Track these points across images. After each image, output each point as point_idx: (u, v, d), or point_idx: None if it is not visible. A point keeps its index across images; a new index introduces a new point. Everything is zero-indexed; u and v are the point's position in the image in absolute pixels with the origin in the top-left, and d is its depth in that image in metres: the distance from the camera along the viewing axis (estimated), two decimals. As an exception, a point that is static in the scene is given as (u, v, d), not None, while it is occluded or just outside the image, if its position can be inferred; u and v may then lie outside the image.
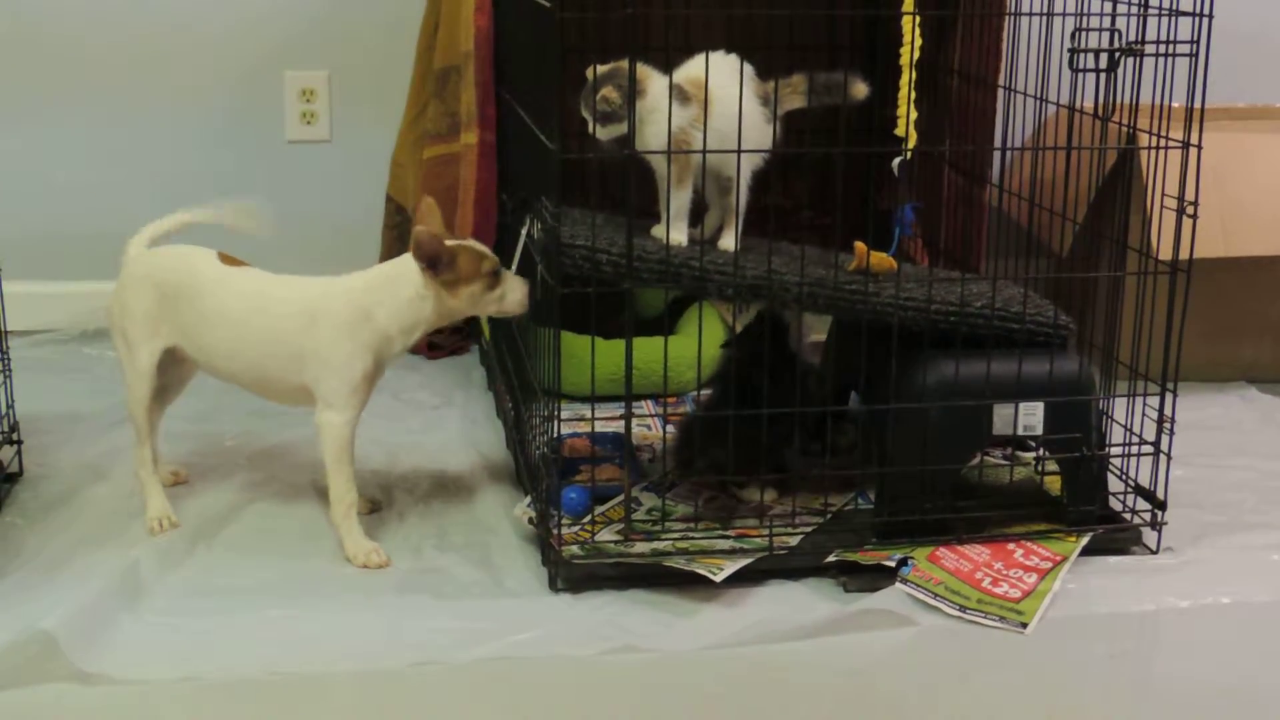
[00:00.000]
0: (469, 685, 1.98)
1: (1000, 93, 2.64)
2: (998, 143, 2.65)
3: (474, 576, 2.24)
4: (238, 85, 3.40)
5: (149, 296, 2.36)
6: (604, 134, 2.25)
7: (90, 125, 3.38)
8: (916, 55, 2.35)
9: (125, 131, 3.38)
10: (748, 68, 2.31)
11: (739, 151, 2.23)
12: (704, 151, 2.25)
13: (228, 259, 2.39)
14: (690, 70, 2.30)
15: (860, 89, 2.36)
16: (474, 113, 2.95)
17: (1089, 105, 2.34)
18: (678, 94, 2.24)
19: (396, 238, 3.39)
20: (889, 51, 2.47)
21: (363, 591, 2.18)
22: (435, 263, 2.24)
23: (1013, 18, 2.56)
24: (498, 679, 1.99)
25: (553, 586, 2.20)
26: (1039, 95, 2.46)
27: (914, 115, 2.38)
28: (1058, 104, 2.40)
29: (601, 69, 2.23)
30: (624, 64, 2.18)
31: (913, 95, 2.35)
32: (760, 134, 2.32)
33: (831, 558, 2.24)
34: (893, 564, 2.21)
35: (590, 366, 2.29)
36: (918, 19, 2.33)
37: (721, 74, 2.27)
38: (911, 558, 2.23)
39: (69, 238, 3.40)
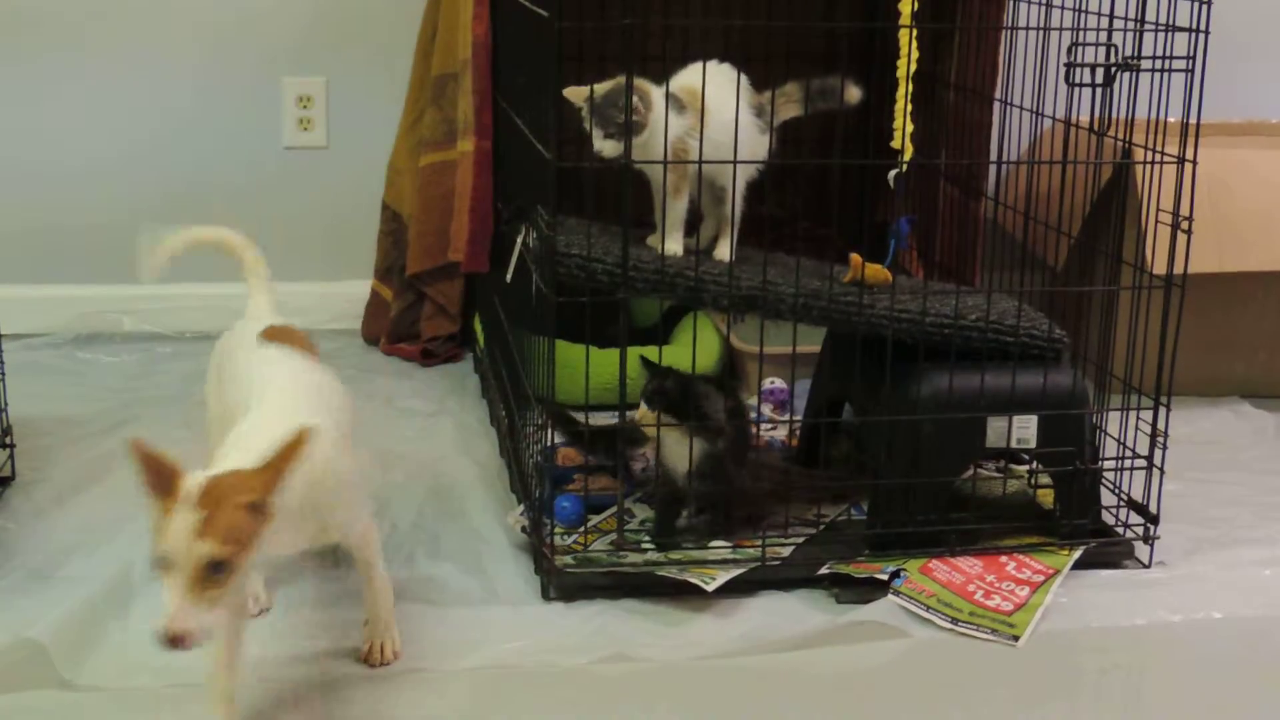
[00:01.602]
0: (461, 692, 1.97)
1: (996, 106, 2.65)
2: (994, 156, 2.65)
3: (466, 585, 2.23)
4: (235, 91, 3.39)
5: (212, 375, 2.15)
6: (612, 149, 2.20)
7: (87, 131, 3.37)
8: (913, 68, 2.35)
9: (122, 137, 3.38)
10: (742, 77, 2.31)
11: (734, 162, 2.23)
12: (699, 162, 2.25)
13: (277, 333, 2.09)
14: (684, 79, 2.30)
15: (854, 93, 2.37)
16: (471, 120, 2.95)
17: (1085, 120, 2.34)
18: (673, 102, 2.24)
19: (393, 244, 3.39)
20: (887, 64, 2.48)
21: (354, 600, 2.18)
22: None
23: (1009, 32, 2.57)
24: (489, 687, 1.98)
25: (545, 595, 2.20)
26: (1035, 109, 2.46)
27: (910, 128, 2.38)
28: (1053, 118, 2.41)
29: (599, 86, 2.21)
30: (622, 80, 2.17)
31: (909, 108, 2.35)
32: (755, 144, 2.32)
33: (824, 569, 2.24)
34: (885, 576, 2.20)
35: (584, 375, 2.29)
36: (915, 32, 2.33)
37: (715, 83, 2.27)
38: (904, 570, 2.23)
39: (65, 242, 3.40)
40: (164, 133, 3.39)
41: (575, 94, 2.22)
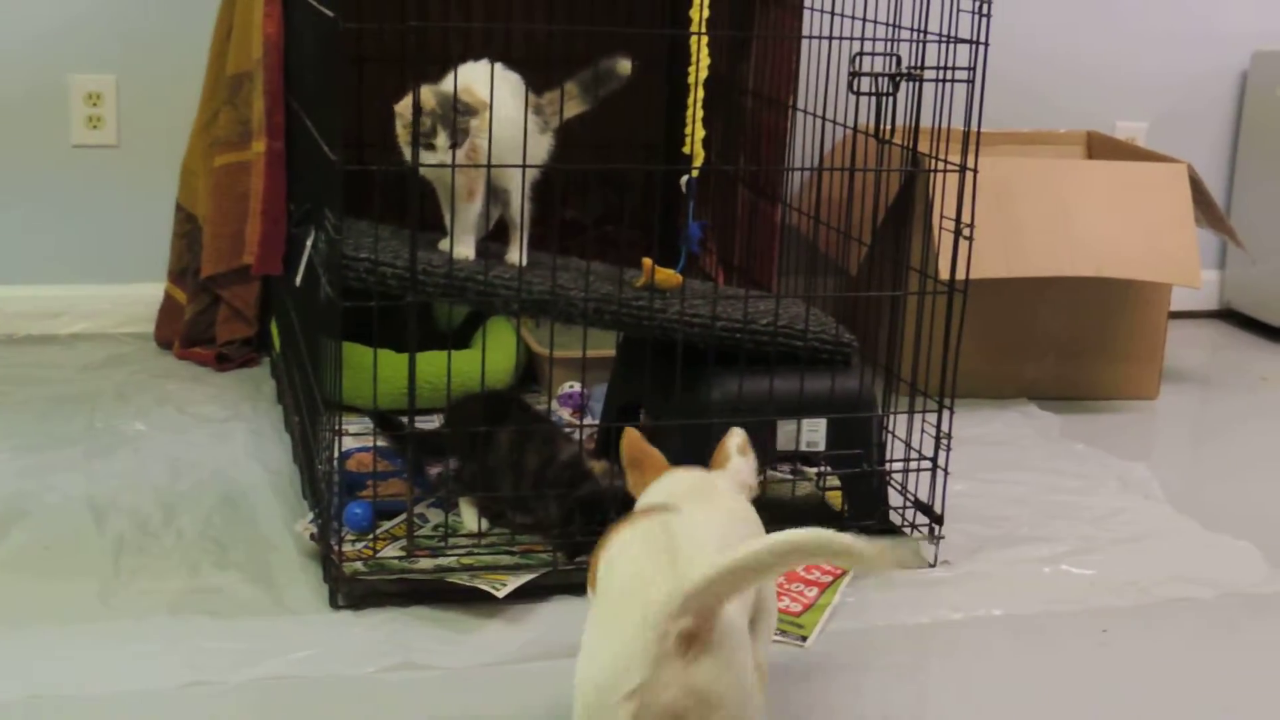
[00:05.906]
0: (242, 705, 1.93)
1: (790, 113, 2.68)
2: (793, 163, 2.69)
3: (252, 594, 2.19)
4: (19, 88, 3.28)
5: None
6: (434, 158, 2.20)
7: None
8: (704, 74, 2.37)
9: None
10: (516, 78, 2.31)
11: (524, 166, 2.22)
12: (489, 166, 2.23)
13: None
14: (461, 81, 2.27)
15: (625, 66, 2.36)
16: (263, 121, 2.89)
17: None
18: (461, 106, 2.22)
19: (187, 246, 3.31)
20: (685, 70, 2.49)
21: (135, 612, 2.12)
22: None
23: (805, 40, 2.60)
24: (273, 699, 1.94)
25: (333, 604, 2.16)
26: (827, 117, 2.50)
27: (701, 134, 2.40)
28: (844, 125, 2.45)
29: (423, 96, 2.19)
30: (443, 89, 2.14)
31: (700, 114, 2.37)
32: (533, 144, 2.30)
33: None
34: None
35: (373, 379, 2.26)
36: (705, 39, 2.35)
37: (485, 83, 2.25)
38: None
39: None
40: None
41: (405, 106, 2.19)
